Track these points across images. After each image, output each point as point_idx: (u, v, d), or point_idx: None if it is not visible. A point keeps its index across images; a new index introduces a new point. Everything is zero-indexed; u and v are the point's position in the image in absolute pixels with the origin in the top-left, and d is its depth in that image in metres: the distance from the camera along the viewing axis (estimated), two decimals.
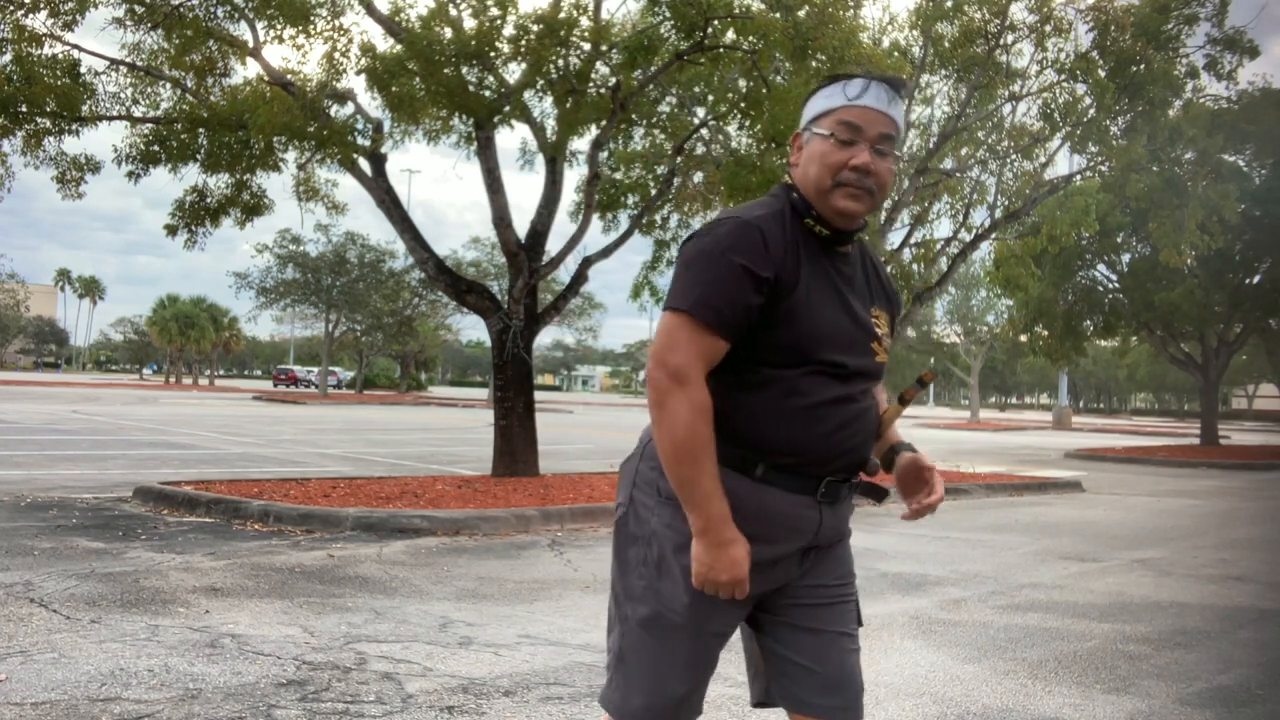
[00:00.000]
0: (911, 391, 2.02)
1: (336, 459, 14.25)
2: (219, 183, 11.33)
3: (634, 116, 11.66)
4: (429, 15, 9.92)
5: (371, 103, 11.97)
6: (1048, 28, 14.62)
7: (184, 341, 62.86)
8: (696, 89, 11.47)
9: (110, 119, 10.73)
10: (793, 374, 1.87)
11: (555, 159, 11.18)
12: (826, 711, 1.95)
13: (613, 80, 10.50)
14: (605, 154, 11.87)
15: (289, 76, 10.33)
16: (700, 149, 12.96)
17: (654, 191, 12.07)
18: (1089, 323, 26.71)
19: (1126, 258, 25.77)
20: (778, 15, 9.61)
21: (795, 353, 1.87)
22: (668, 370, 1.82)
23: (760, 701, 2.06)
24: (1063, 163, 47.16)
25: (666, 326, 1.85)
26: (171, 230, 11.33)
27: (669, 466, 1.84)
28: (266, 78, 10.42)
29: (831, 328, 1.90)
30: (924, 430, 35.07)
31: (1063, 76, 15.12)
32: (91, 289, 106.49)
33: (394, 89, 9.76)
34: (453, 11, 10.12)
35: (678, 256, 1.90)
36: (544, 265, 11.37)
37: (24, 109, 9.99)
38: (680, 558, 1.89)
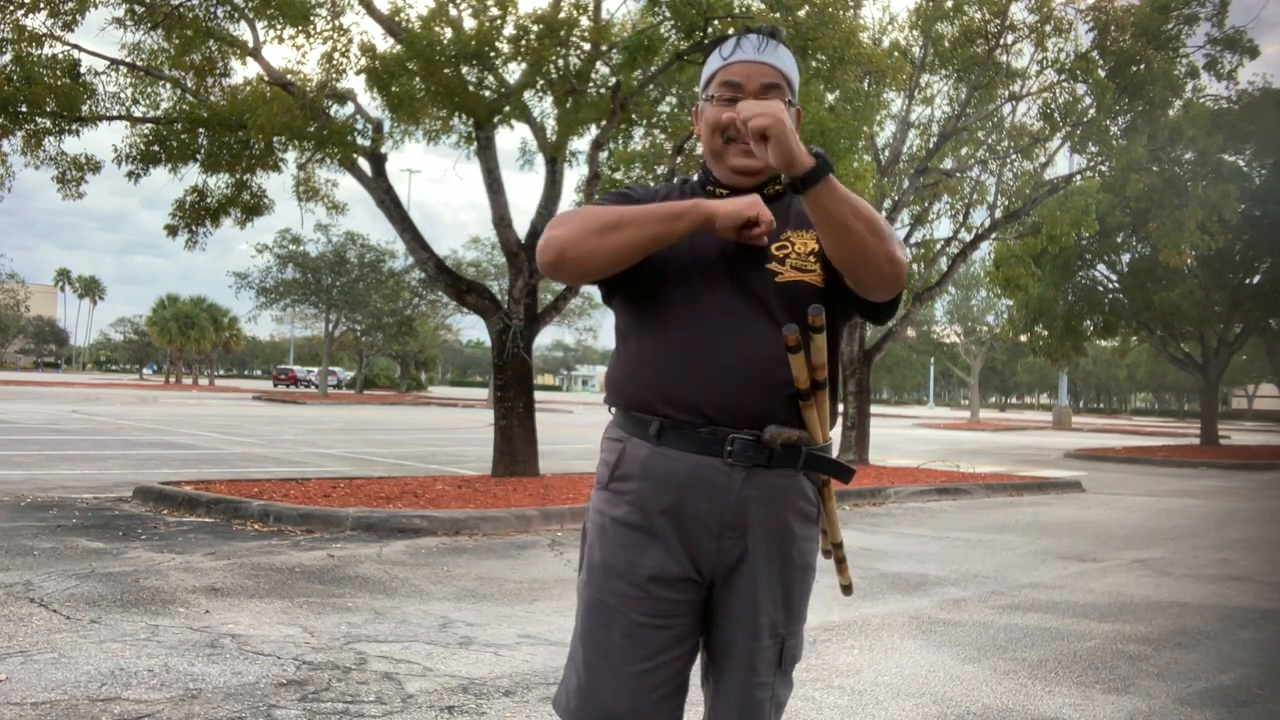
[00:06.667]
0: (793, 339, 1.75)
1: (336, 459, 14.25)
2: (219, 183, 11.34)
3: (634, 116, 11.66)
4: (429, 15, 9.92)
5: (371, 103, 11.98)
6: (1048, 28, 14.64)
7: (184, 341, 62.85)
8: (697, 89, 11.48)
9: (110, 119, 10.73)
10: (651, 317, 1.85)
11: (555, 159, 11.18)
12: None
13: (613, 80, 10.50)
14: (605, 154, 11.86)
15: (289, 76, 10.33)
16: (700, 149, 12.94)
17: None
18: (1089, 323, 26.71)
19: (1126, 258, 25.78)
20: (778, 15, 9.61)
21: (648, 289, 1.84)
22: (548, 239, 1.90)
23: None
24: (1063, 163, 47.06)
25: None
26: (172, 230, 11.33)
27: (605, 237, 1.80)
28: (266, 78, 10.42)
29: (686, 260, 1.83)
30: (924, 430, 35.06)
31: (1063, 76, 15.14)
32: (91, 289, 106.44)
33: (394, 89, 9.76)
34: (453, 11, 10.12)
35: None
36: None
37: (24, 109, 10.00)
38: (602, 538, 1.86)
